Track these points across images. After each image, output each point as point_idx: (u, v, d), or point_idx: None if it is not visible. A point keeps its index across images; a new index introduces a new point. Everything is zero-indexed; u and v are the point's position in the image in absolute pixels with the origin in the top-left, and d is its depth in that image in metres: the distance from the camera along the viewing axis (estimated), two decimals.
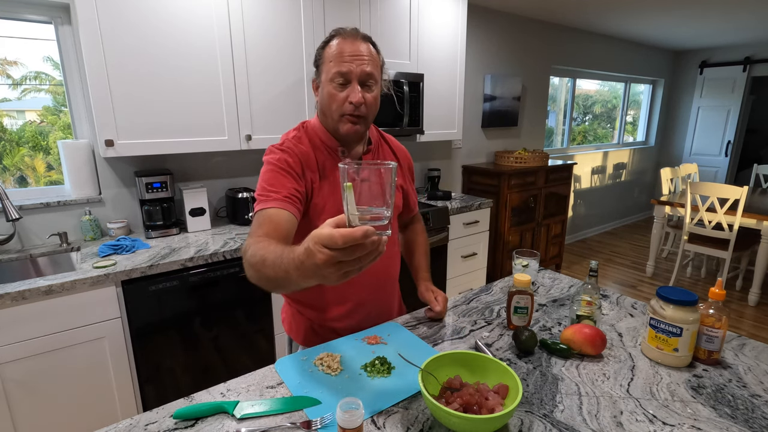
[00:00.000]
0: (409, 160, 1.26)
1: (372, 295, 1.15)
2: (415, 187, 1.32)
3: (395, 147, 1.21)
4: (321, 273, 0.57)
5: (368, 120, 1.00)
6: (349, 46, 0.93)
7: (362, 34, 0.97)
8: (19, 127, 2.05)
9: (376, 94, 0.98)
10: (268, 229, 0.85)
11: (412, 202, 1.29)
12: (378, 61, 0.98)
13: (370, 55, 0.94)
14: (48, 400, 1.53)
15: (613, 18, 3.79)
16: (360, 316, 1.16)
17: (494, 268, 3.43)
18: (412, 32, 2.51)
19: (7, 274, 1.74)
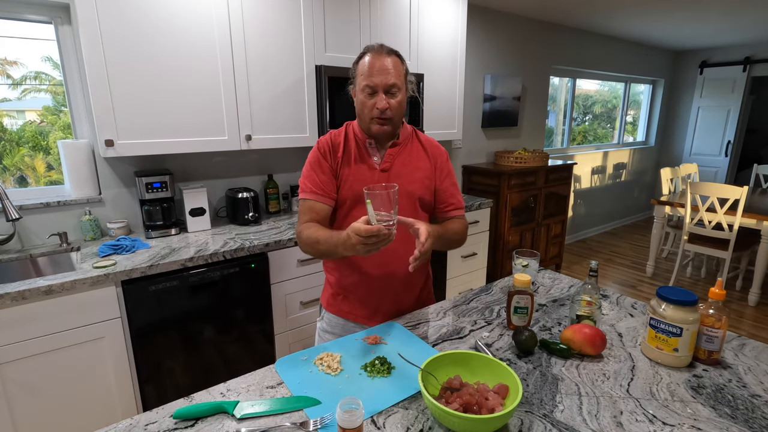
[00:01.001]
0: (443, 157, 1.27)
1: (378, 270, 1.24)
2: (456, 186, 1.30)
3: (426, 143, 1.28)
4: (354, 249, 0.96)
5: (394, 121, 1.17)
6: (377, 62, 1.12)
7: (387, 49, 1.14)
8: (19, 127, 2.05)
9: (400, 99, 1.15)
10: (311, 217, 1.18)
11: (448, 198, 1.27)
12: (401, 71, 1.15)
13: (394, 68, 1.12)
14: (48, 400, 1.53)
15: (613, 18, 3.79)
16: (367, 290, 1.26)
17: (494, 268, 3.43)
18: (412, 32, 2.51)
19: (7, 274, 1.74)
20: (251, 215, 2.18)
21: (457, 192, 1.29)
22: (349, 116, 2.27)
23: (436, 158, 1.26)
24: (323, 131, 2.23)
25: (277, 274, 1.98)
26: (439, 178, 1.26)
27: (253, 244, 1.88)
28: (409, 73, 1.19)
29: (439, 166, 1.26)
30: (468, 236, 2.78)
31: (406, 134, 1.25)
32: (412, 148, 1.25)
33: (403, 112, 1.19)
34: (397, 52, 1.16)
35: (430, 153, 1.26)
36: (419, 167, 1.24)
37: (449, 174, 1.28)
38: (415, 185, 1.22)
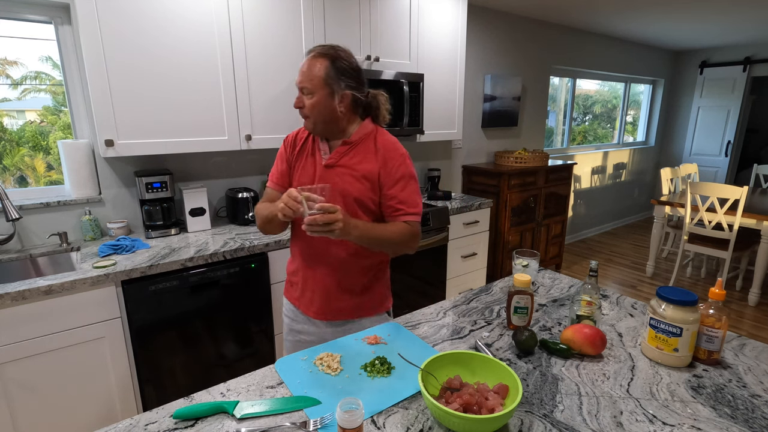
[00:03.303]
0: (395, 161, 1.21)
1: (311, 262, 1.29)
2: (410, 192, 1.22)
3: (382, 146, 1.23)
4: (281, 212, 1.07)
5: (313, 120, 1.20)
6: (304, 63, 1.17)
7: (316, 51, 1.16)
8: (19, 127, 2.05)
9: (313, 101, 1.16)
10: (266, 200, 1.34)
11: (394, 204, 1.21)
12: (319, 73, 1.14)
13: (309, 70, 1.15)
14: (48, 400, 1.53)
15: (613, 18, 3.79)
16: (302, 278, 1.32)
17: (494, 268, 3.43)
18: (412, 32, 2.51)
19: (7, 274, 1.74)
20: (251, 215, 2.18)
21: (409, 197, 1.22)
22: None
23: (386, 161, 1.21)
24: None
25: (277, 274, 1.98)
26: (387, 182, 1.21)
27: (253, 244, 1.88)
28: (339, 74, 1.15)
29: (388, 171, 1.20)
30: (468, 236, 2.80)
31: (361, 134, 1.23)
32: (363, 149, 1.23)
33: (321, 114, 1.18)
34: (325, 53, 1.15)
35: (381, 156, 1.21)
36: (363, 168, 1.20)
37: (401, 179, 1.21)
38: (354, 186, 1.20)
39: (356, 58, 1.23)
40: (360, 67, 1.22)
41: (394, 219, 1.22)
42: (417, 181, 1.26)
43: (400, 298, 2.48)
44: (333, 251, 1.25)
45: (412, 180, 1.24)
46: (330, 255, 1.25)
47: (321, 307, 1.29)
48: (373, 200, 1.22)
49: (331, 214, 1.03)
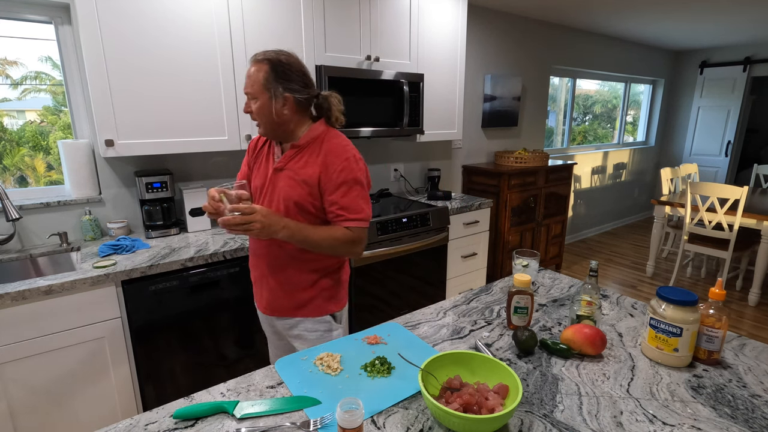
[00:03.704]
0: (335, 167, 1.19)
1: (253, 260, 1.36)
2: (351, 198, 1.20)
3: (326, 151, 1.21)
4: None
5: (262, 124, 1.23)
6: (248, 69, 1.20)
7: (257, 57, 1.19)
8: (19, 127, 2.05)
9: (258, 106, 1.19)
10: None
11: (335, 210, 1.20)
12: (259, 78, 1.17)
13: (250, 77, 1.18)
14: (48, 400, 1.53)
15: (613, 18, 3.79)
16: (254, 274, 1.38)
17: (494, 268, 3.43)
18: (412, 32, 2.51)
19: (7, 274, 1.74)
20: None
21: (351, 203, 1.20)
22: (350, 116, 2.28)
23: (327, 166, 1.19)
24: None
25: None
26: (328, 188, 1.20)
27: None
28: (279, 78, 1.17)
29: (328, 176, 1.19)
30: (468, 236, 2.80)
31: (309, 137, 1.23)
32: (309, 152, 1.23)
33: (268, 119, 1.20)
34: (265, 59, 1.17)
35: (322, 161, 1.20)
36: (305, 173, 1.21)
37: (343, 184, 1.19)
38: (294, 190, 1.21)
39: (302, 60, 1.23)
40: (304, 69, 1.22)
41: (337, 224, 1.22)
42: (364, 186, 1.24)
43: (400, 298, 2.48)
44: (273, 251, 1.28)
45: (356, 185, 1.21)
46: (270, 254, 1.29)
47: (268, 303, 1.34)
48: (313, 204, 1.22)
49: (247, 215, 1.08)
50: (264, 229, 1.11)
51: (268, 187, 1.28)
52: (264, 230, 1.11)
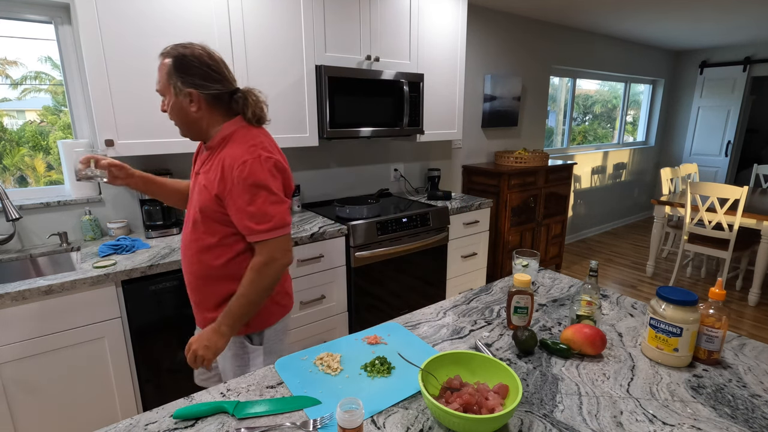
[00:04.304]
0: (232, 172, 1.08)
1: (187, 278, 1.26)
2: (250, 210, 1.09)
3: (226, 155, 1.11)
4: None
5: (176, 123, 1.18)
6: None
7: (162, 52, 1.13)
8: (19, 127, 2.05)
9: (167, 102, 1.15)
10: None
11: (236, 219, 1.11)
12: (164, 73, 1.11)
13: (158, 72, 1.14)
14: (48, 400, 1.53)
15: (613, 18, 3.79)
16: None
17: (494, 268, 3.43)
18: (412, 32, 2.51)
19: (7, 274, 1.74)
20: None
21: (255, 212, 1.09)
22: (350, 116, 2.28)
23: (224, 171, 1.10)
24: (323, 131, 2.23)
25: None
26: (229, 197, 1.10)
27: None
28: (182, 73, 1.09)
29: (225, 183, 1.09)
30: (468, 236, 2.81)
31: (219, 138, 1.15)
32: (217, 155, 1.14)
33: (179, 117, 1.14)
34: (168, 53, 1.10)
35: (220, 165, 1.12)
36: (207, 178, 1.13)
37: (244, 192, 1.08)
38: (201, 196, 1.14)
39: (214, 54, 1.14)
40: (211, 63, 1.12)
41: (250, 240, 1.13)
42: (271, 189, 1.10)
43: (400, 298, 2.49)
44: (186, 270, 1.24)
45: (260, 190, 1.09)
46: (186, 273, 1.24)
47: (196, 317, 1.30)
48: (217, 212, 1.12)
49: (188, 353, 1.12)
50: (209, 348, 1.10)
51: (191, 193, 1.22)
52: (209, 349, 1.10)
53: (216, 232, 1.15)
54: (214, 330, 1.12)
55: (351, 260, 2.20)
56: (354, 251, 2.19)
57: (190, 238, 1.19)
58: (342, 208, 2.32)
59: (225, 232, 1.15)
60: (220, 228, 1.14)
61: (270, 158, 1.11)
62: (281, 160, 1.16)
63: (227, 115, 1.17)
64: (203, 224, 1.15)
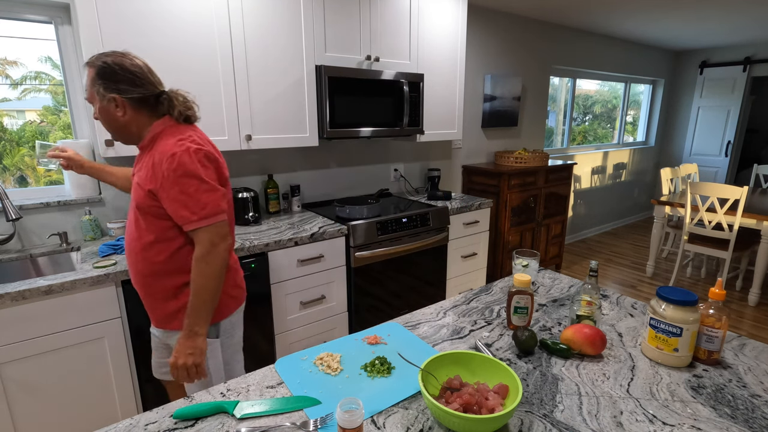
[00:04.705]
0: (162, 165, 1.12)
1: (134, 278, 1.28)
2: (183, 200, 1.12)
3: (157, 151, 1.16)
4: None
5: (108, 130, 1.23)
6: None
7: (88, 61, 1.18)
8: (19, 127, 2.05)
9: (97, 109, 1.19)
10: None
11: (171, 211, 1.14)
12: (87, 84, 1.18)
13: (86, 82, 1.19)
14: (48, 400, 1.53)
15: (613, 18, 3.79)
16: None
17: (494, 268, 3.43)
18: (412, 32, 2.51)
19: (7, 274, 1.74)
20: (251, 215, 2.18)
21: (188, 201, 1.12)
22: (350, 116, 2.28)
23: (154, 167, 1.14)
24: (323, 131, 2.23)
25: (277, 274, 1.98)
26: (161, 190, 1.13)
27: (253, 244, 1.88)
28: (104, 79, 1.14)
29: (156, 177, 1.13)
30: (468, 236, 2.81)
31: (149, 138, 1.20)
32: (148, 155, 1.19)
33: (107, 122, 1.19)
34: (90, 62, 1.16)
35: (151, 161, 1.16)
36: (141, 175, 1.18)
37: (174, 184, 1.11)
38: (137, 193, 1.18)
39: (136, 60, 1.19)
40: (133, 68, 1.16)
41: (186, 229, 1.15)
42: (202, 178, 1.13)
43: (400, 298, 2.48)
44: (133, 271, 1.26)
45: (191, 179, 1.12)
46: (131, 267, 1.27)
47: (150, 315, 1.30)
48: (152, 206, 1.16)
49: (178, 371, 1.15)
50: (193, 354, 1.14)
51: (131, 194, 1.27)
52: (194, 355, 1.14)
53: (155, 228, 1.18)
54: (187, 336, 1.15)
55: (351, 260, 2.20)
56: (354, 251, 2.19)
57: (132, 237, 1.23)
58: (342, 208, 2.32)
59: (163, 227, 1.18)
60: (158, 222, 1.18)
61: (199, 149, 1.15)
62: (212, 151, 1.19)
63: (155, 117, 1.21)
64: (143, 221, 1.19)
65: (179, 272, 1.22)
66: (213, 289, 1.16)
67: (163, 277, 1.22)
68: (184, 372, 1.15)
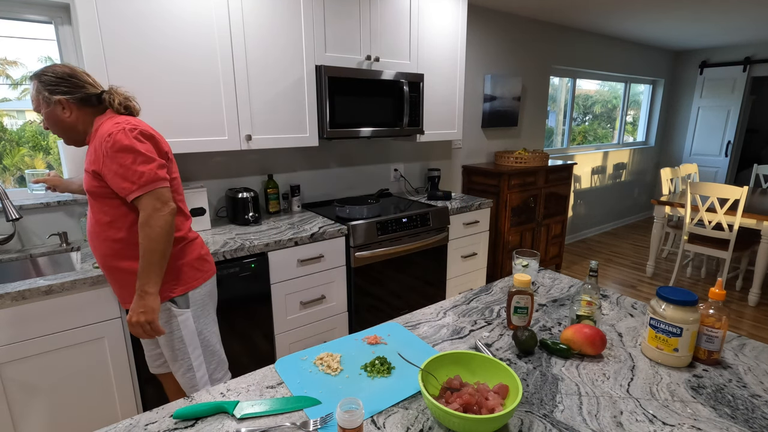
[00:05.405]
0: (103, 147, 1.21)
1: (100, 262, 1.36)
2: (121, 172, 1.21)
3: (95, 137, 1.27)
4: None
5: (59, 134, 1.32)
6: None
7: (30, 77, 1.28)
8: (19, 127, 2.05)
9: (46, 119, 1.29)
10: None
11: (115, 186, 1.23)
12: (33, 95, 1.27)
13: (31, 96, 1.28)
14: (48, 400, 1.53)
15: (613, 18, 3.79)
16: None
17: (494, 268, 3.43)
18: (412, 32, 2.51)
19: (7, 274, 1.74)
20: (251, 215, 2.18)
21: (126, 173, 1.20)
22: (350, 116, 2.28)
23: (95, 150, 1.24)
24: (323, 131, 2.23)
25: (277, 274, 1.98)
26: (104, 170, 1.22)
27: (253, 244, 1.88)
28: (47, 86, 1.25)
29: (98, 158, 1.23)
30: (468, 236, 2.81)
31: (93, 131, 1.30)
32: (92, 143, 1.29)
33: (57, 126, 1.30)
34: (33, 75, 1.27)
35: (93, 146, 1.27)
36: (87, 161, 1.28)
37: (113, 161, 1.21)
38: (85, 180, 1.28)
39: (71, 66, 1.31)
40: (71, 73, 1.29)
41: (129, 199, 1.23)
42: (137, 150, 1.21)
43: (400, 298, 2.49)
44: (97, 255, 1.34)
45: (127, 153, 1.21)
46: (98, 258, 1.34)
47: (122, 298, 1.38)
48: (99, 187, 1.25)
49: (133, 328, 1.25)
50: (145, 312, 1.23)
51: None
52: (146, 313, 1.23)
53: (107, 208, 1.28)
54: (140, 296, 1.24)
55: (351, 260, 2.20)
56: (354, 251, 2.19)
57: (91, 222, 1.32)
58: (342, 208, 2.32)
59: (114, 205, 1.28)
60: (109, 202, 1.27)
61: (135, 128, 1.25)
62: (148, 129, 1.29)
63: (98, 113, 1.33)
64: (96, 205, 1.29)
65: (129, 248, 1.30)
66: (160, 252, 1.23)
67: (125, 255, 1.30)
68: (139, 329, 1.25)
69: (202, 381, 1.44)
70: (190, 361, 1.41)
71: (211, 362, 1.47)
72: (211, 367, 1.47)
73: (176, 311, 1.36)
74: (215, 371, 1.49)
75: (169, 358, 1.40)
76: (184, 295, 1.37)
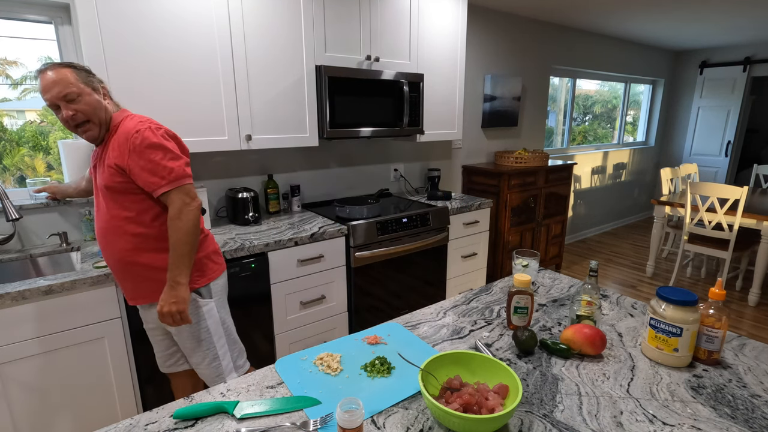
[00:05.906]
0: (130, 142, 1.23)
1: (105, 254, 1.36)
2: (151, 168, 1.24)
3: (119, 133, 1.27)
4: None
5: (92, 122, 1.26)
6: (43, 81, 1.21)
7: (52, 65, 1.22)
8: (19, 127, 2.05)
9: (84, 102, 1.23)
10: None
11: (142, 181, 1.25)
12: (71, 78, 1.22)
13: (61, 79, 1.20)
14: (48, 400, 1.53)
15: (613, 18, 3.79)
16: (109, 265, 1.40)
17: (494, 268, 3.43)
18: (412, 32, 2.51)
19: (7, 274, 1.74)
20: (251, 215, 2.18)
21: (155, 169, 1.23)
22: (350, 116, 2.28)
23: (120, 145, 1.25)
24: (323, 131, 2.23)
25: (277, 274, 1.98)
26: (131, 165, 1.24)
27: (253, 244, 1.88)
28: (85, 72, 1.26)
29: (123, 154, 1.24)
30: (468, 236, 2.81)
31: (114, 124, 1.31)
32: (110, 142, 1.29)
33: (94, 112, 1.26)
34: (62, 65, 1.23)
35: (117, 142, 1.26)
36: (109, 157, 1.26)
37: (141, 156, 1.23)
38: (104, 176, 1.28)
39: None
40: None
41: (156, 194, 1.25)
42: (166, 148, 1.26)
43: (400, 298, 2.49)
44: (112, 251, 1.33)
45: (156, 150, 1.24)
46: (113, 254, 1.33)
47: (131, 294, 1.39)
48: (122, 183, 1.26)
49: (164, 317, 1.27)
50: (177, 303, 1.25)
51: (94, 186, 1.36)
52: (177, 303, 1.25)
53: (129, 203, 1.29)
54: (171, 287, 1.26)
55: (351, 260, 2.20)
56: (354, 251, 2.19)
57: (105, 219, 1.31)
58: (342, 208, 2.32)
59: (136, 200, 1.29)
60: (131, 198, 1.28)
61: (159, 128, 1.28)
62: (169, 130, 1.33)
63: (116, 109, 1.35)
64: (116, 200, 1.28)
65: (160, 239, 1.32)
66: (190, 244, 1.27)
67: (146, 249, 1.31)
68: (169, 319, 1.28)
69: (228, 369, 1.47)
70: (215, 350, 1.43)
71: (233, 350, 1.50)
72: (234, 354, 1.50)
73: (201, 302, 1.39)
74: (237, 358, 1.52)
75: (190, 350, 1.41)
76: (206, 286, 1.42)
